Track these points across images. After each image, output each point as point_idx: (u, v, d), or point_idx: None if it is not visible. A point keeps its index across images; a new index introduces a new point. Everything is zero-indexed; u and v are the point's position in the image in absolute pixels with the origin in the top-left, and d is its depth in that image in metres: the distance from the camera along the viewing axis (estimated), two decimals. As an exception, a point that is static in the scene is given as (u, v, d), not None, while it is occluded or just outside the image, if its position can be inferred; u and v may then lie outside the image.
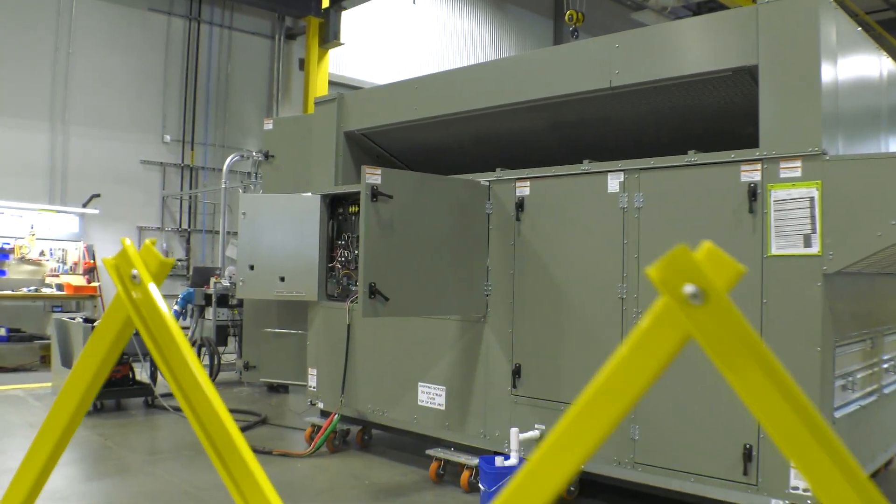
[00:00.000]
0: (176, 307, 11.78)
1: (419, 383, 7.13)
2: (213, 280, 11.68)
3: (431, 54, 20.68)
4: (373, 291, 5.75)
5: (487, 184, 6.67)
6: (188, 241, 16.39)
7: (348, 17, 17.81)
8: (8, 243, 13.32)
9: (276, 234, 8.08)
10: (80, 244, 14.22)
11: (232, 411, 9.53)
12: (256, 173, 15.58)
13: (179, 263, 16.13)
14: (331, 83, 17.96)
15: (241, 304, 11.61)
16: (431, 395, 7.01)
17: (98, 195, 14.68)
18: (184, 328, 12.26)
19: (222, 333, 11.79)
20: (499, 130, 7.09)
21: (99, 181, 14.95)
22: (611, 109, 6.28)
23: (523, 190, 6.42)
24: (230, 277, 11.92)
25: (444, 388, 6.93)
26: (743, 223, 5.25)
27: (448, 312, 6.62)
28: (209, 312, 11.71)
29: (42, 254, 13.70)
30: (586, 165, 6.05)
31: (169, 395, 10.35)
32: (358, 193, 7.76)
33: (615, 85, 5.98)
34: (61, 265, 13.89)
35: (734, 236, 5.28)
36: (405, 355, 7.28)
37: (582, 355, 6.02)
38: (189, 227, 16.44)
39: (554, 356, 6.19)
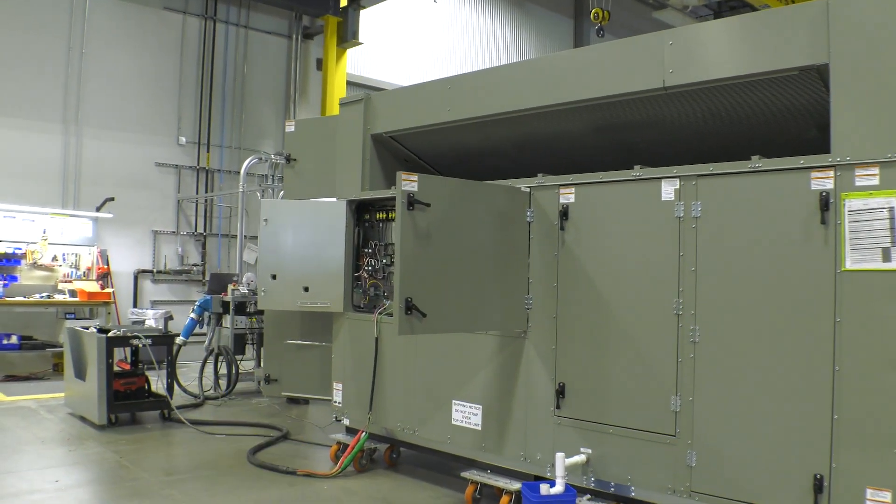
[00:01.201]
0: (193, 315, 11.40)
1: (453, 401, 6.72)
2: (230, 287, 11.30)
3: (451, 54, 20.28)
4: (409, 307, 5.34)
5: (528, 190, 6.25)
6: (204, 246, 16.01)
7: (366, 16, 17.42)
8: (20, 248, 13.00)
9: (300, 241, 7.69)
10: (94, 249, 13.89)
11: (252, 425, 9.17)
12: (273, 176, 15.24)
13: (195, 268, 15.76)
14: (349, 83, 17.55)
15: (259, 311, 11.26)
16: (467, 414, 6.60)
17: (112, 199, 14.32)
18: (200, 335, 11.93)
19: (240, 342, 11.43)
20: (539, 133, 6.68)
21: (113, 184, 14.60)
22: (663, 111, 5.86)
23: (568, 197, 6.01)
24: (248, 284, 11.56)
25: (480, 406, 6.52)
26: (813, 235, 4.83)
27: (488, 328, 6.21)
28: (227, 320, 11.33)
29: (54, 259, 13.36)
30: (638, 171, 5.63)
31: (185, 408, 9.99)
32: (386, 199, 7.43)
33: (669, 85, 5.55)
34: (74, 270, 13.55)
35: (804, 249, 4.86)
36: (438, 371, 6.87)
37: (632, 375, 5.60)
38: (205, 230, 16.06)
39: (601, 375, 5.78)
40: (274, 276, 7.68)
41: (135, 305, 14.74)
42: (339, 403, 7.77)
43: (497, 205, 6.07)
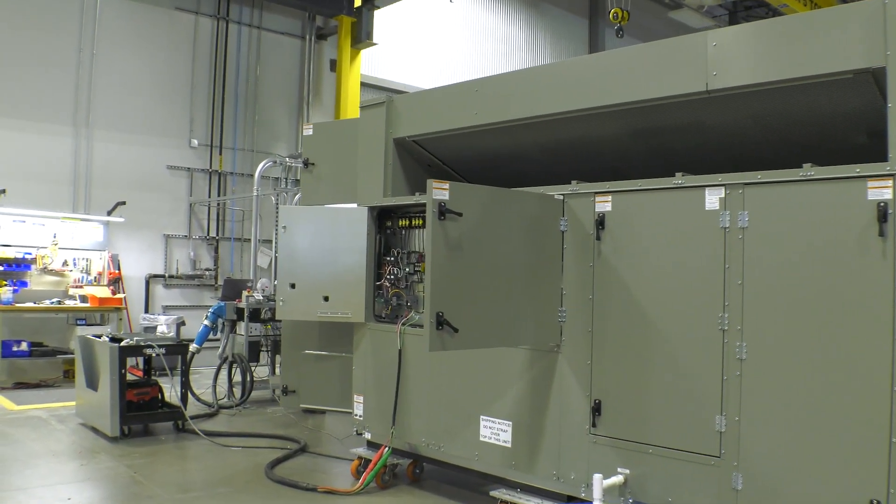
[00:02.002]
0: (206, 322, 11.16)
1: (481, 417, 6.46)
2: (245, 293, 11.05)
3: (465, 55, 20.00)
4: (440, 322, 5.08)
5: (561, 198, 5.98)
6: (216, 250, 15.77)
7: (380, 17, 17.17)
8: (30, 253, 12.79)
9: (319, 249, 7.44)
10: (105, 254, 13.66)
11: (269, 437, 8.93)
12: (287, 179, 15.05)
13: (207, 273, 15.51)
14: (363, 85, 17.31)
15: (274, 318, 11.02)
16: (496, 431, 6.34)
17: (123, 203, 14.07)
18: (213, 340, 11.70)
19: (254, 349, 11.18)
20: (570, 138, 6.41)
21: (124, 188, 14.36)
22: (705, 115, 5.59)
23: (604, 205, 5.73)
24: (263, 290, 11.32)
25: (510, 423, 6.26)
26: (870, 248, 4.55)
27: (521, 343, 5.95)
28: (241, 327, 11.08)
29: (65, 264, 13.14)
30: (680, 178, 5.36)
31: (199, 418, 9.76)
32: (409, 206, 7.17)
33: (712, 89, 5.29)
34: (85, 276, 13.32)
35: (860, 262, 4.58)
36: (465, 385, 6.61)
37: (674, 393, 5.33)
38: (217, 234, 15.82)
39: (640, 392, 5.51)
40: (293, 285, 7.44)
41: (146, 311, 14.52)
42: (359, 416, 7.52)
43: (529, 213, 5.81)
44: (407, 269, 7.28)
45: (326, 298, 7.38)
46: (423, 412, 6.94)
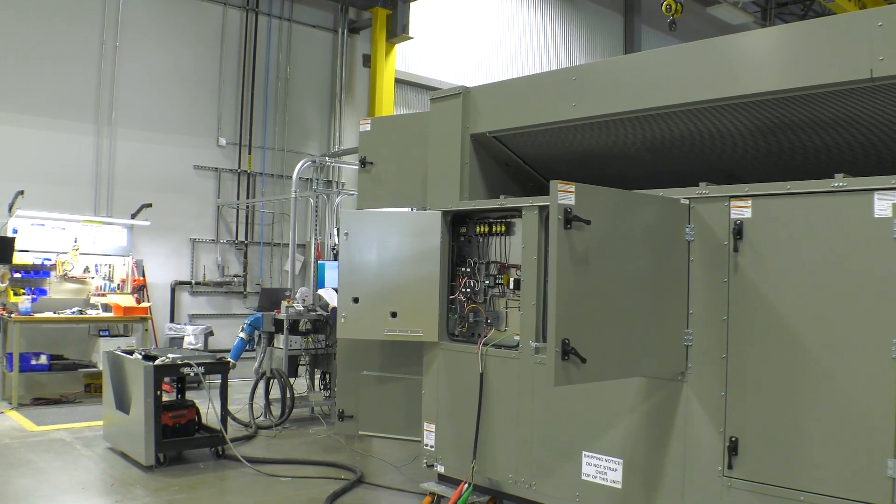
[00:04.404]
0: (242, 335, 10.36)
1: (584, 453, 5.63)
2: (284, 304, 10.25)
3: (502, 50, 19.17)
4: (566, 351, 4.27)
5: (687, 202, 5.16)
6: (245, 255, 14.95)
7: (416, 9, 16.37)
8: (49, 259, 11.98)
9: (385, 258, 6.64)
10: (129, 259, 12.85)
11: (319, 464, 8.15)
12: (318, 179, 14.30)
13: (236, 280, 14.69)
14: (397, 81, 16.53)
15: (315, 330, 10.25)
16: (602, 469, 5.52)
17: (149, 205, 13.25)
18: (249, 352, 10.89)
19: (293, 363, 10.38)
20: (682, 135, 5.58)
21: (148, 189, 13.55)
22: (860, 109, 4.76)
23: (742, 211, 4.91)
24: (303, 300, 10.53)
25: (620, 460, 5.44)
26: None
27: (645, 372, 5.13)
28: (279, 340, 10.28)
29: (86, 270, 12.32)
30: (841, 181, 4.53)
31: (238, 441, 8.96)
32: (489, 211, 6.39)
33: (877, 76, 4.47)
34: (108, 283, 12.51)
35: None
36: (562, 416, 5.78)
37: (831, 431, 4.51)
38: (246, 239, 15.00)
39: (789, 430, 4.69)
40: (356, 300, 6.63)
41: (172, 320, 13.71)
42: (430, 447, 6.71)
43: (650, 221, 4.99)
44: (486, 282, 6.48)
45: (394, 314, 6.58)
46: (508, 445, 6.12)
